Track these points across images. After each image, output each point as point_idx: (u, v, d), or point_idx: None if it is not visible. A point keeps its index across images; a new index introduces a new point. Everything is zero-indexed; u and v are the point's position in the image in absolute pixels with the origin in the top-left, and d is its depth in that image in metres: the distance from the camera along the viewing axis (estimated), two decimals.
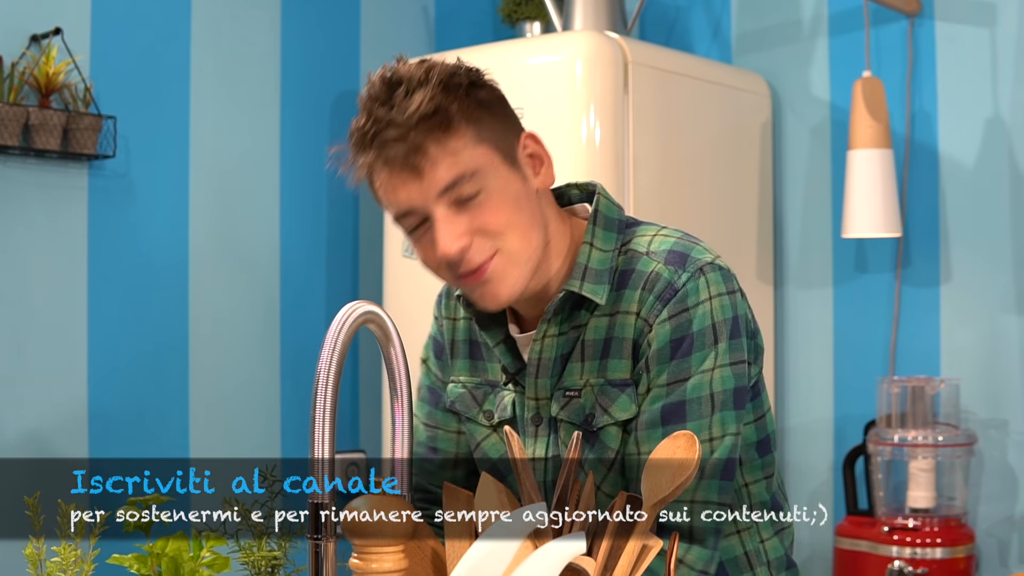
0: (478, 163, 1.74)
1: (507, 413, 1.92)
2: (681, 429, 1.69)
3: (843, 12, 3.84)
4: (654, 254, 1.81)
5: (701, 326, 1.76)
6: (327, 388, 1.42)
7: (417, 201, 1.75)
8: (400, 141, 1.71)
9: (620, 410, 1.79)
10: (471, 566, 1.31)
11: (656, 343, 1.77)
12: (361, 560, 1.36)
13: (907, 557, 3.35)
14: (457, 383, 2.00)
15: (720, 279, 1.80)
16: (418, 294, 3.73)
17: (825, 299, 3.85)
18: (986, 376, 3.56)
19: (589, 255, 1.83)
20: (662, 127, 3.57)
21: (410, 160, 1.72)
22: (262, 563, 1.62)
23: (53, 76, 3.40)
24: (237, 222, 3.92)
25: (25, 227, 3.45)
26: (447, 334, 2.03)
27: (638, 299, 1.79)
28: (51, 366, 3.51)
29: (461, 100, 1.74)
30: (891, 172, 3.53)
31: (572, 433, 1.76)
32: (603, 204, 1.89)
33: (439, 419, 2.03)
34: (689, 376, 1.75)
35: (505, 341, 1.92)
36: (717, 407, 1.76)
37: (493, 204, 1.75)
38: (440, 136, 1.71)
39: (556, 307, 1.83)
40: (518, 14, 4.05)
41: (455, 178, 1.73)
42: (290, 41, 4.05)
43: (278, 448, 3.98)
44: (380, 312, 1.52)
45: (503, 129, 1.80)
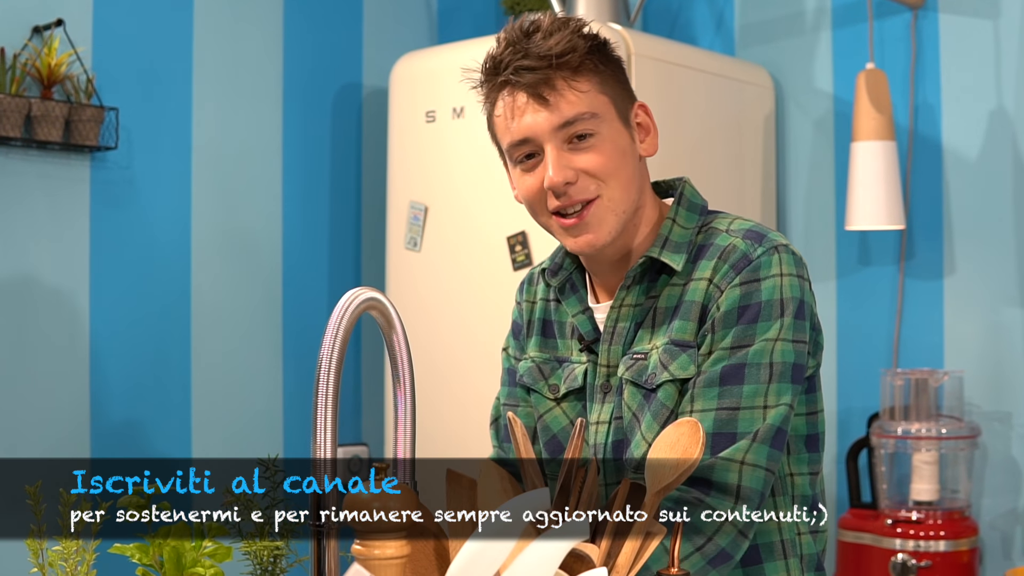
0: (598, 108, 1.87)
1: (576, 383, 1.97)
2: (738, 391, 1.78)
3: (846, 4, 3.83)
4: (733, 231, 1.90)
5: (770, 297, 1.82)
6: (330, 374, 1.42)
7: (537, 130, 1.86)
8: (533, 71, 1.84)
9: (679, 368, 1.83)
10: (474, 551, 1.31)
11: (724, 306, 1.83)
12: (364, 547, 1.36)
13: (910, 550, 3.35)
14: (527, 359, 2.07)
15: (793, 262, 1.87)
16: (420, 285, 3.74)
17: (828, 291, 3.84)
18: (990, 368, 3.56)
19: (671, 229, 1.93)
20: (665, 119, 3.54)
21: (539, 90, 1.84)
22: (264, 553, 1.62)
23: (55, 67, 3.40)
24: (239, 214, 3.91)
25: (27, 219, 3.45)
26: (525, 315, 2.11)
27: (713, 267, 1.86)
28: (53, 358, 3.51)
29: (592, 51, 1.87)
30: (894, 164, 3.53)
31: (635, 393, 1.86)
32: (688, 191, 2.00)
33: (518, 395, 2.09)
34: (752, 343, 1.81)
35: (584, 311, 1.99)
36: (776, 376, 1.80)
37: (603, 149, 1.87)
38: (569, 75, 1.85)
39: (636, 274, 1.91)
40: (521, 6, 4.04)
41: (576, 115, 1.85)
42: (292, 32, 4.05)
43: (280, 438, 3.98)
44: (382, 298, 1.52)
45: (622, 90, 1.92)
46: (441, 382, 3.62)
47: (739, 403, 1.78)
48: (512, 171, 1.94)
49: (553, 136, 1.85)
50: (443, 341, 3.63)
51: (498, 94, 1.89)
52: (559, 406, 2.00)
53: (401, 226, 3.77)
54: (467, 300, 3.61)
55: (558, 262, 2.04)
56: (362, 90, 4.23)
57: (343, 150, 4.18)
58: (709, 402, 1.79)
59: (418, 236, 3.72)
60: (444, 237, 3.68)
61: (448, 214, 3.67)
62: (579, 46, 1.85)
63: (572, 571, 1.39)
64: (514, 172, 1.93)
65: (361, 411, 4.19)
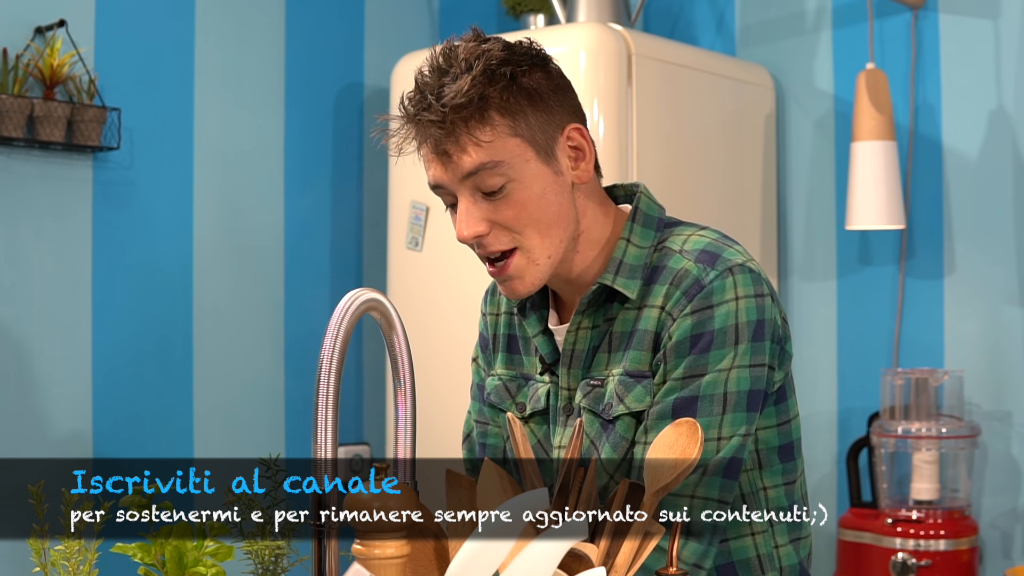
0: (506, 155, 1.78)
1: (540, 404, 1.94)
2: None
3: (847, 4, 3.84)
4: (686, 252, 1.84)
5: (723, 324, 1.77)
6: (330, 375, 1.42)
7: (444, 181, 1.81)
8: (436, 124, 1.77)
9: (635, 401, 1.80)
10: (473, 552, 1.32)
11: (676, 336, 1.78)
12: (364, 546, 1.37)
13: (911, 549, 3.35)
14: (494, 376, 2.04)
15: (749, 281, 1.81)
16: (422, 286, 3.74)
17: (829, 291, 3.85)
18: (990, 368, 3.56)
19: (625, 250, 1.87)
20: (666, 119, 3.57)
21: (441, 144, 1.78)
22: (266, 552, 1.63)
23: (57, 68, 3.41)
24: (241, 214, 3.92)
25: (30, 219, 3.46)
26: (491, 328, 2.08)
27: (664, 294, 1.81)
28: (55, 358, 3.52)
29: (503, 91, 1.78)
30: (895, 164, 3.54)
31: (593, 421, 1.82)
32: (644, 203, 1.92)
33: (488, 415, 2.06)
34: (705, 372, 1.77)
35: (544, 332, 1.95)
36: (729, 407, 1.77)
37: (516, 199, 1.80)
38: (473, 125, 1.77)
39: (589, 299, 1.86)
40: (522, 6, 4.05)
41: (478, 166, 1.77)
42: (294, 33, 4.06)
43: (282, 442, 3.99)
44: (383, 299, 1.52)
45: (544, 121, 1.82)
46: (442, 381, 3.62)
47: None
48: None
49: (460, 187, 1.80)
50: (444, 341, 3.63)
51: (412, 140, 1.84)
52: (527, 425, 1.97)
53: (403, 226, 3.77)
54: (468, 300, 3.61)
55: None
56: (364, 90, 4.24)
57: (344, 150, 4.19)
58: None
59: (419, 236, 3.72)
60: (445, 237, 3.68)
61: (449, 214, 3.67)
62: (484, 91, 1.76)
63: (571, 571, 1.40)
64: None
65: (362, 410, 4.20)
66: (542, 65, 1.84)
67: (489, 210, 1.80)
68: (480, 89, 1.76)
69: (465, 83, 1.75)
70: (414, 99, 1.80)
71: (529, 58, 1.83)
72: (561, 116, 1.84)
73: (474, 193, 1.80)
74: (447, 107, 1.75)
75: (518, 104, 1.79)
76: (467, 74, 1.76)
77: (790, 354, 1.89)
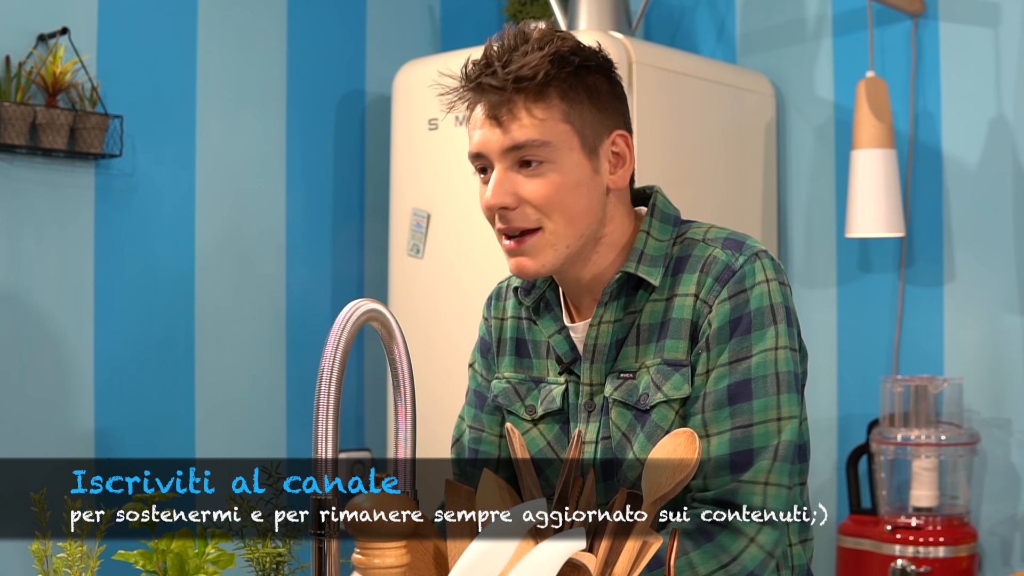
0: (554, 137, 1.82)
1: (555, 405, 1.95)
2: (748, 407, 1.77)
3: (847, 12, 3.85)
4: (710, 240, 1.88)
5: (759, 305, 1.81)
6: (331, 385, 1.43)
7: (487, 148, 1.84)
8: (496, 90, 1.82)
9: (673, 388, 1.82)
10: (471, 561, 1.33)
11: (716, 322, 1.81)
12: (364, 556, 1.38)
13: (910, 556, 3.36)
14: (501, 379, 2.04)
15: (773, 267, 1.85)
16: (423, 293, 3.75)
17: (829, 298, 3.86)
18: (989, 375, 3.57)
19: (645, 242, 1.90)
20: (666, 127, 3.58)
21: (496, 111, 1.82)
22: (267, 560, 1.63)
23: (60, 76, 3.42)
24: (243, 221, 3.93)
25: (32, 226, 3.47)
26: (495, 332, 2.09)
27: (696, 281, 1.84)
28: (57, 365, 3.53)
29: (565, 77, 1.82)
30: (894, 172, 3.54)
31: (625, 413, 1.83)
32: (660, 201, 1.96)
33: (484, 422, 2.07)
34: (750, 355, 1.80)
35: (560, 331, 1.97)
36: (783, 386, 1.80)
37: (551, 180, 1.83)
38: (530, 100, 1.81)
39: (613, 290, 1.88)
40: (523, 14, 4.06)
41: (526, 140, 1.81)
42: (296, 40, 4.07)
43: (283, 447, 3.99)
44: (383, 310, 1.53)
45: (596, 119, 1.86)
46: (443, 388, 3.63)
47: (751, 419, 1.77)
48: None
49: (502, 157, 1.83)
50: (445, 347, 3.64)
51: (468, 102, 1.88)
52: (536, 427, 1.98)
53: (404, 233, 3.78)
54: (469, 307, 3.61)
55: (530, 281, 2.00)
56: (365, 97, 4.25)
57: (346, 157, 4.20)
58: (722, 424, 1.78)
59: (421, 243, 3.73)
60: (446, 244, 3.69)
61: (450, 221, 3.69)
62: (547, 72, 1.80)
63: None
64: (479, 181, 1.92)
65: (364, 416, 4.21)
66: (607, 70, 1.89)
67: (522, 185, 1.83)
68: (547, 68, 1.80)
69: (534, 59, 1.80)
70: (479, 64, 1.84)
71: (597, 59, 1.88)
72: (613, 120, 1.89)
73: (512, 166, 1.83)
74: (511, 75, 1.80)
75: (577, 94, 1.84)
76: (538, 51, 1.81)
77: (807, 352, 1.93)
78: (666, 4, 4.21)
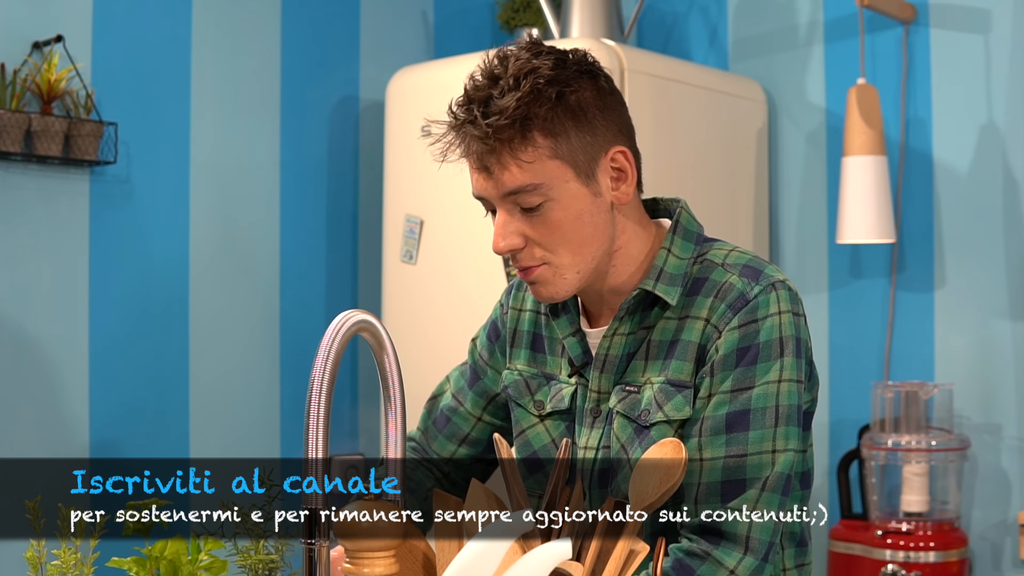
0: (546, 177, 1.81)
1: (563, 404, 1.96)
2: (744, 437, 1.77)
3: (839, 19, 3.86)
4: (729, 266, 1.87)
5: (768, 337, 1.81)
6: (321, 397, 1.45)
7: (485, 194, 1.85)
8: (480, 140, 1.80)
9: (674, 409, 1.83)
10: (459, 570, 1.34)
11: (723, 349, 1.81)
12: (353, 565, 1.39)
13: (900, 561, 3.37)
14: (514, 371, 2.05)
15: (789, 299, 1.84)
16: (416, 298, 3.76)
17: (820, 304, 3.87)
18: (980, 381, 3.58)
19: (666, 259, 1.90)
20: (658, 133, 3.59)
21: (484, 160, 1.82)
22: (259, 566, 1.64)
23: (55, 83, 3.43)
24: (237, 228, 3.94)
25: (27, 233, 3.48)
26: (511, 323, 2.10)
27: (709, 306, 1.84)
28: (53, 371, 3.53)
29: (548, 111, 1.80)
30: (885, 178, 3.55)
31: (627, 426, 1.84)
32: (684, 218, 1.95)
33: (467, 398, 2.12)
34: (753, 385, 1.80)
35: (575, 334, 1.97)
36: (782, 420, 1.80)
37: (552, 218, 1.83)
38: (516, 145, 1.80)
39: (630, 305, 1.89)
40: (516, 21, 4.07)
41: (518, 187, 1.81)
42: (290, 47, 4.08)
43: (277, 449, 4.00)
44: (373, 321, 1.54)
45: (587, 143, 1.84)
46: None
47: (746, 449, 1.77)
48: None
49: (501, 201, 1.84)
50: (439, 353, 3.65)
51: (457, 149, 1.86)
52: (542, 423, 1.99)
53: (397, 239, 3.79)
54: (462, 313, 3.64)
55: None
56: (359, 104, 4.26)
57: (340, 163, 4.21)
58: (717, 450, 1.78)
59: (414, 249, 3.74)
60: (439, 250, 3.71)
61: (443, 227, 3.70)
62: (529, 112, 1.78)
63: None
64: None
65: (358, 421, 4.22)
66: (592, 79, 1.85)
67: (526, 225, 1.83)
68: (524, 110, 1.78)
69: (511, 102, 1.77)
70: (462, 107, 1.84)
71: (579, 73, 1.84)
72: (605, 137, 1.86)
73: (512, 208, 1.83)
74: (491, 127, 1.78)
75: (562, 125, 1.81)
76: (514, 92, 1.78)
77: (817, 380, 1.93)
78: (658, 11, 4.22)
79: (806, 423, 1.90)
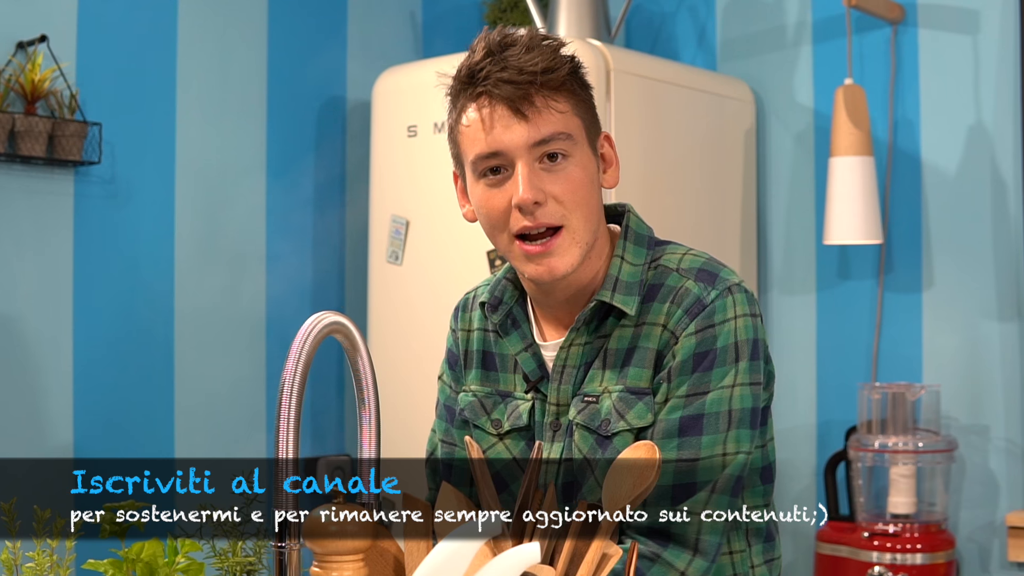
0: (573, 130, 1.82)
1: (522, 421, 1.94)
2: (696, 442, 1.76)
3: (827, 19, 3.86)
4: (684, 271, 1.86)
5: (725, 343, 1.80)
6: (292, 399, 1.44)
7: (510, 145, 1.80)
8: (514, 84, 1.78)
9: (636, 417, 1.82)
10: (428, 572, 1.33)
11: (680, 355, 1.80)
12: (321, 568, 1.38)
13: (887, 562, 3.37)
14: (468, 392, 2.03)
15: (745, 301, 1.84)
16: (402, 299, 3.76)
17: (808, 305, 3.86)
18: (967, 382, 3.58)
19: (620, 267, 1.88)
20: (645, 134, 3.59)
21: (518, 104, 1.79)
22: (237, 568, 1.64)
23: (39, 83, 3.42)
24: (223, 228, 3.93)
25: (11, 233, 3.47)
26: (462, 344, 2.07)
27: (666, 312, 1.83)
28: (36, 370, 3.52)
29: (570, 72, 1.83)
30: (872, 179, 3.55)
31: (587, 437, 1.83)
32: (633, 221, 1.95)
33: (455, 437, 2.06)
34: (709, 390, 1.79)
35: (527, 348, 1.95)
36: (733, 424, 1.79)
37: (573, 175, 1.82)
38: (550, 93, 1.80)
39: (587, 316, 1.87)
40: (503, 20, 4.07)
41: (553, 133, 1.80)
42: (277, 47, 4.07)
43: (263, 449, 3.98)
44: (346, 322, 1.53)
45: (592, 117, 1.88)
46: (421, 395, 3.63)
47: (698, 454, 1.77)
48: (473, 186, 1.87)
49: (527, 153, 1.79)
50: (424, 354, 3.65)
51: (471, 104, 1.82)
52: (502, 442, 1.96)
53: (383, 240, 3.79)
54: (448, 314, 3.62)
55: (497, 296, 1.99)
56: (346, 104, 4.25)
57: (326, 164, 4.20)
58: (668, 453, 1.77)
59: (399, 250, 3.74)
60: (425, 251, 3.70)
61: (429, 228, 3.69)
62: (561, 65, 1.80)
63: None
64: (476, 187, 1.86)
65: (344, 422, 4.21)
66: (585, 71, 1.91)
67: (547, 181, 1.81)
68: (561, 62, 1.81)
69: (544, 54, 1.79)
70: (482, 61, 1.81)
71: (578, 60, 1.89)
72: (599, 121, 1.91)
73: (534, 162, 1.80)
74: (534, 68, 1.77)
75: (582, 88, 1.86)
76: (541, 48, 1.80)
77: (774, 375, 1.91)
78: (646, 11, 4.22)
79: (763, 419, 1.89)
